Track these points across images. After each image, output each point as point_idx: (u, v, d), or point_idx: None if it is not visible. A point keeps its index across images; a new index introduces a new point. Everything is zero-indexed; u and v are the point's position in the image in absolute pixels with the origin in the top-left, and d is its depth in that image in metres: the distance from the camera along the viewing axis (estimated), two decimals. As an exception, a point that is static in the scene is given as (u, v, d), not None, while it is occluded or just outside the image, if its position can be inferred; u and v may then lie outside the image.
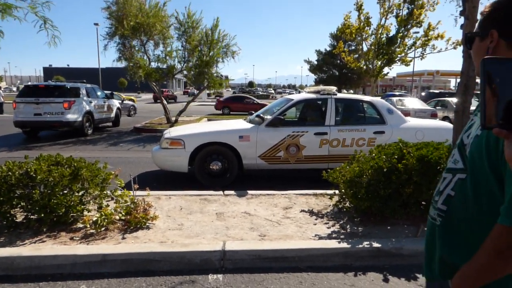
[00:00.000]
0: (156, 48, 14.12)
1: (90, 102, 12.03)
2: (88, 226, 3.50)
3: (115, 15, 12.91)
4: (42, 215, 3.42)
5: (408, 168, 3.64)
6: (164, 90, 21.82)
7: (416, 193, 3.70)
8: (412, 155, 3.71)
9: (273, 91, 72.90)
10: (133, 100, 23.90)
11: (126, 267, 2.95)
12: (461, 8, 4.59)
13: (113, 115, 14.16)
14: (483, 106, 0.70)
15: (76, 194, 3.64)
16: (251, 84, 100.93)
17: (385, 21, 18.89)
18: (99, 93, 13.24)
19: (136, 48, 13.95)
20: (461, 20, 4.51)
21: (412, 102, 16.02)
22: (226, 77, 18.67)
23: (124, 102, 19.32)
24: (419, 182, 3.63)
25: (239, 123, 6.47)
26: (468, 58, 4.18)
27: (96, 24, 31.67)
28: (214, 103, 28.15)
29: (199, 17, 13.51)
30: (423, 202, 3.86)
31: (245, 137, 5.75)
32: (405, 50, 19.57)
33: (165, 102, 15.12)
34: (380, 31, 19.04)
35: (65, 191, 3.54)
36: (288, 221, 3.86)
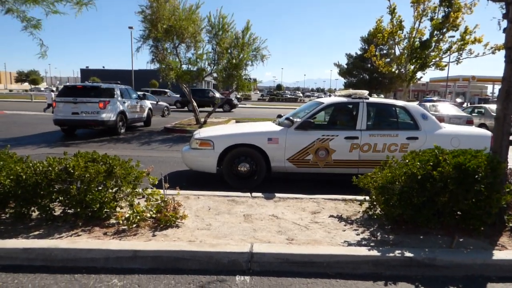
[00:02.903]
0: (188, 50, 14.42)
1: (124, 102, 12.44)
2: (121, 222, 3.62)
3: (149, 18, 13.29)
4: (78, 209, 3.56)
5: (443, 176, 3.50)
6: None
7: (451, 202, 3.55)
8: (449, 163, 3.56)
9: (301, 94, 72.52)
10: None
11: (156, 264, 3.01)
12: (504, 11, 4.38)
13: (145, 115, 14.58)
14: None
15: (110, 190, 3.77)
16: (279, 87, 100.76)
17: (419, 24, 18.33)
18: (132, 94, 13.67)
19: (168, 51, 14.29)
20: (504, 24, 4.30)
21: (447, 108, 15.43)
22: (255, 80, 18.74)
23: (159, 103, 19.89)
24: (455, 191, 3.48)
25: (268, 125, 6.47)
26: (510, 63, 3.98)
27: (130, 27, 32.79)
28: (242, 106, 28.35)
29: (231, 20, 13.68)
30: (458, 212, 3.70)
31: (274, 140, 5.74)
32: (440, 55, 18.91)
33: (195, 103, 15.38)
34: (413, 35, 18.49)
35: (100, 188, 3.68)
36: (316, 225, 3.81)
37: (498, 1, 4.76)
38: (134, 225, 3.59)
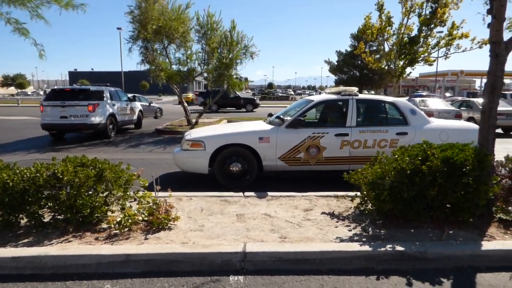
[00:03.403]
0: (177, 51, 14.35)
1: (114, 105, 12.33)
2: (112, 226, 3.59)
3: (138, 19, 13.20)
4: (69, 215, 3.53)
5: (432, 170, 3.54)
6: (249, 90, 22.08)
7: (440, 196, 3.60)
8: (437, 157, 3.61)
9: (292, 93, 72.59)
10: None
11: (149, 268, 3.00)
12: (488, 6, 4.44)
13: (135, 117, 14.47)
14: None
15: (101, 195, 3.74)
16: (270, 85, 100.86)
17: (407, 20, 18.52)
18: (122, 96, 13.56)
19: (158, 51, 14.21)
20: (489, 19, 4.36)
21: (436, 103, 15.60)
22: (246, 79, 18.74)
23: (151, 105, 19.83)
24: (444, 184, 3.53)
25: (259, 125, 6.48)
26: (495, 58, 4.04)
27: (119, 28, 32.60)
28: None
29: (219, 19, 13.64)
30: (448, 205, 3.75)
31: (265, 139, 5.75)
32: (428, 50, 19.12)
33: (185, 104, 15.32)
34: (402, 31, 18.66)
35: (90, 192, 3.65)
36: (308, 223, 3.83)
37: (482, -4, 4.82)
38: (126, 229, 3.57)
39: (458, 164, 3.56)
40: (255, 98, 29.57)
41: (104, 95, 11.88)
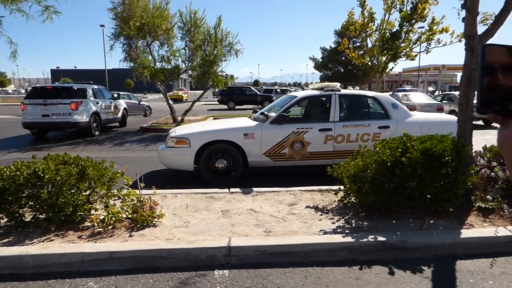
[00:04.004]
0: (161, 48, 14.20)
1: (97, 103, 12.15)
2: (96, 224, 3.56)
3: (121, 16, 13.00)
4: (50, 214, 3.47)
5: (412, 162, 3.63)
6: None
7: (420, 186, 3.69)
8: (416, 148, 3.70)
9: (279, 90, 72.59)
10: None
11: (133, 264, 2.99)
12: (462, 1, 4.55)
13: (120, 115, 14.29)
14: (480, 91, 0.71)
15: (84, 193, 3.70)
16: (256, 82, 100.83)
17: (389, 16, 18.73)
18: (106, 94, 13.37)
19: (142, 49, 14.03)
20: (463, 13, 4.47)
21: (418, 97, 15.89)
22: (232, 76, 18.70)
23: (141, 103, 19.67)
24: (424, 175, 3.62)
25: (243, 121, 6.49)
26: (470, 51, 4.15)
27: (102, 25, 31.96)
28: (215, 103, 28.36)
29: (202, 16, 13.56)
30: (428, 196, 3.85)
31: (249, 135, 5.76)
32: (410, 45, 19.40)
33: (171, 102, 15.20)
34: (384, 27, 18.89)
35: (73, 190, 3.60)
36: (293, 217, 3.87)
37: (458, -9, 4.94)
38: (110, 227, 3.54)
39: (437, 155, 3.65)
40: (272, 95, 29.15)
41: (87, 93, 11.69)
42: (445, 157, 3.68)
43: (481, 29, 4.23)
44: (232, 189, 4.92)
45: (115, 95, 14.20)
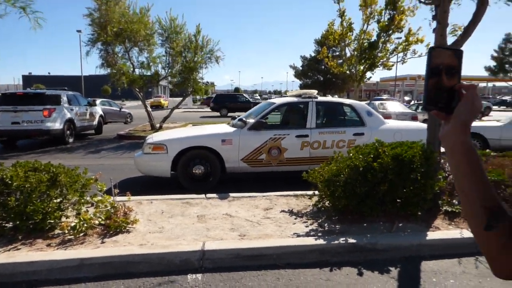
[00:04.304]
0: (140, 54, 14.09)
1: (72, 109, 11.87)
2: (66, 232, 3.49)
3: (98, 21, 12.84)
4: (18, 222, 3.38)
5: (383, 167, 3.75)
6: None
7: (391, 191, 3.81)
8: (387, 154, 3.83)
9: (259, 97, 73.06)
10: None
11: (104, 271, 2.95)
12: (434, 13, 4.78)
13: (95, 122, 14.00)
14: (426, 90, 0.78)
15: (55, 200, 3.62)
16: (237, 90, 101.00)
17: (367, 26, 19.30)
18: (81, 101, 13.11)
19: (120, 55, 13.88)
20: (434, 25, 4.69)
21: (394, 106, 16.35)
22: (212, 83, 18.72)
23: (122, 110, 19.40)
24: (394, 180, 3.74)
25: (221, 127, 6.52)
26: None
27: (78, 31, 31.26)
28: (196, 110, 28.23)
29: (182, 22, 13.58)
30: (398, 200, 3.97)
31: (227, 141, 5.80)
32: (387, 55, 20.01)
33: (149, 108, 15.06)
34: (362, 37, 19.43)
35: (43, 198, 3.52)
36: (268, 221, 3.92)
37: (428, 4, 5.19)
38: (82, 234, 3.48)
39: (407, 160, 3.79)
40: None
41: (61, 99, 11.41)
42: (414, 162, 3.82)
43: (450, 40, 4.44)
44: (208, 195, 4.92)
45: (91, 102, 13.94)
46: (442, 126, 0.77)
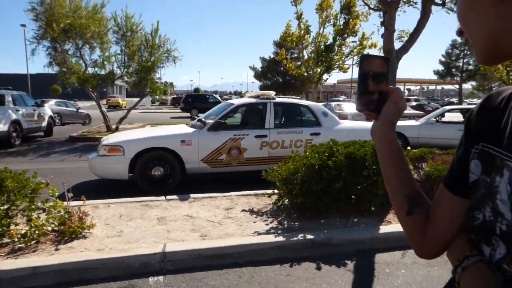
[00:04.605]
0: (93, 52, 13.51)
1: (17, 110, 11.13)
2: (16, 240, 3.30)
3: (43, 16, 12.12)
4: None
5: (337, 165, 3.94)
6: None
7: (345, 188, 4.01)
8: (341, 153, 4.02)
9: (219, 98, 72.75)
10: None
11: (59, 278, 2.84)
12: (382, 19, 5.09)
13: (44, 124, 13.21)
14: (358, 94, 0.86)
15: (1, 207, 3.41)
16: (196, 90, 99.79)
17: (323, 30, 19.97)
18: (28, 101, 12.34)
19: (70, 53, 13.21)
20: (382, 30, 5.00)
21: (350, 107, 17.03)
22: (171, 84, 18.40)
23: (80, 110, 18.60)
24: (348, 177, 3.95)
25: (180, 128, 6.46)
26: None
27: (23, 25, 29.16)
28: (159, 111, 27.68)
29: (139, 21, 13.23)
30: (352, 196, 4.19)
31: (187, 142, 5.76)
32: (343, 58, 20.83)
33: (103, 109, 14.49)
34: (319, 39, 20.06)
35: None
36: (229, 221, 3.97)
37: (377, 10, 5.50)
38: (33, 242, 3.31)
39: (359, 158, 4.01)
40: None
41: (6, 99, 10.66)
42: (366, 160, 4.05)
43: (399, 44, 4.77)
44: (168, 196, 4.87)
45: (39, 103, 13.15)
46: (372, 125, 0.85)
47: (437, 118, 9.79)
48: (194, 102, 26.73)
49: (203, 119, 6.24)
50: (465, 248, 0.69)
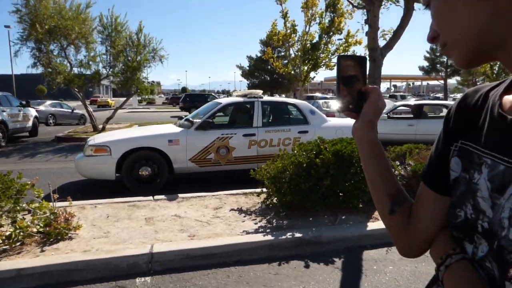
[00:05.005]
0: (78, 52, 13.30)
1: (3, 111, 10.95)
2: (1, 241, 3.24)
3: (28, 18, 11.91)
4: None
5: (325, 162, 3.97)
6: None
7: (333, 185, 4.05)
8: (328, 150, 4.06)
9: (217, 97, 72.30)
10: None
11: (45, 280, 2.80)
12: (366, 17, 5.14)
13: (30, 124, 12.99)
14: (337, 95, 0.87)
15: (-15, 209, 3.34)
16: (184, 89, 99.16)
17: (309, 28, 20.02)
18: (13, 102, 12.15)
19: (55, 53, 12.98)
20: (366, 28, 5.05)
21: (337, 105, 17.18)
22: (158, 83, 18.29)
23: (74, 111, 18.52)
24: (335, 174, 3.98)
25: (168, 128, 6.42)
26: (373, 62, 4.70)
27: (7, 26, 28.63)
28: (146, 110, 27.45)
29: (124, 21, 13.07)
30: (340, 193, 4.23)
31: (174, 141, 5.73)
32: (329, 56, 20.94)
33: (90, 109, 14.29)
34: (305, 38, 20.13)
35: (-29, 207, 3.23)
36: (217, 220, 3.96)
37: (361, 8, 5.55)
38: (18, 243, 3.26)
39: (346, 156, 4.05)
40: None
41: (-10, 100, 10.45)
42: (353, 157, 4.09)
43: (383, 42, 4.82)
44: (156, 196, 4.84)
45: (24, 103, 12.93)
46: (353, 124, 0.85)
47: (388, 114, 10.06)
48: (194, 101, 26.75)
49: (190, 119, 6.21)
50: (448, 246, 0.69)
